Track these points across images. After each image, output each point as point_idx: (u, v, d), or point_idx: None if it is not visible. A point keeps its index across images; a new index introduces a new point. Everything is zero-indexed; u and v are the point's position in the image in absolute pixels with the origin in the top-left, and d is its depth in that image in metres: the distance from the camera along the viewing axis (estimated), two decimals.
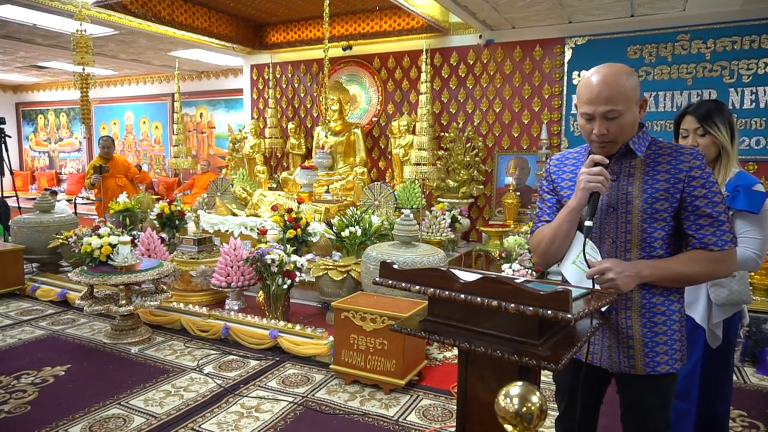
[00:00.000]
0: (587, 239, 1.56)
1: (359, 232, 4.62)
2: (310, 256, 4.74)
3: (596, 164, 1.58)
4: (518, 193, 5.84)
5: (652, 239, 1.57)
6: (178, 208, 5.76)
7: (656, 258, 1.58)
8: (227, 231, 5.57)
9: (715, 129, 2.09)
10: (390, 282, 1.43)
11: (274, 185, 7.15)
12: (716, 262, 1.54)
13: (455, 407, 1.99)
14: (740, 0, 4.78)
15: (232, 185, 6.45)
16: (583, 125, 1.61)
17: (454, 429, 2.46)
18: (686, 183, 1.54)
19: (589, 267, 1.55)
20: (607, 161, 1.59)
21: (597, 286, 1.53)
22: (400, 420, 2.97)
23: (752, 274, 3.95)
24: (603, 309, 1.56)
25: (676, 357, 1.61)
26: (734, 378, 2.81)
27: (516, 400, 1.01)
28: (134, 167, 7.57)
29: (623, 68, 1.57)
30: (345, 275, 4.36)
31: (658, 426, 1.65)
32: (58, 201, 7.38)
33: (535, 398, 1.01)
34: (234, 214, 5.97)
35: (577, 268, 1.59)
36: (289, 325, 4.01)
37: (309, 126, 7.50)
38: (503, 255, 4.69)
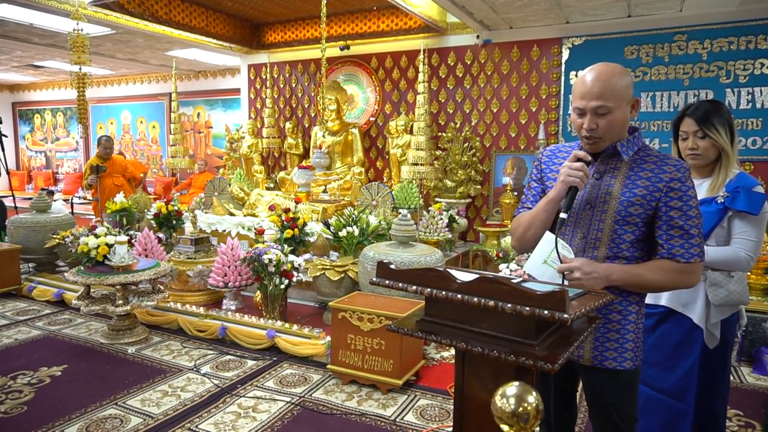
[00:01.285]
0: (559, 239, 1.59)
1: (357, 232, 4.62)
2: (307, 256, 4.74)
3: (578, 159, 1.62)
4: (515, 193, 5.84)
5: (620, 240, 1.61)
6: (176, 207, 5.75)
7: (622, 258, 1.62)
8: (224, 231, 5.56)
9: (715, 131, 2.09)
10: (387, 282, 1.43)
11: (272, 185, 7.15)
12: (680, 273, 1.58)
13: (452, 407, 1.99)
14: (737, 0, 4.80)
15: (230, 185, 6.44)
16: (575, 120, 1.65)
17: (451, 429, 2.46)
18: (664, 193, 1.57)
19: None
20: (590, 158, 1.63)
21: (566, 282, 1.56)
22: (397, 420, 2.97)
23: (748, 273, 3.95)
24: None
25: (626, 356, 1.64)
26: (731, 378, 2.82)
27: (513, 400, 1.01)
28: (132, 165, 7.57)
29: (617, 67, 1.60)
30: (342, 275, 4.36)
31: (622, 418, 1.67)
32: (54, 201, 7.36)
33: (531, 398, 1.01)
34: (231, 214, 5.97)
35: (548, 267, 1.61)
36: (287, 325, 4.01)
37: (306, 126, 7.49)
38: (500, 255, 4.69)
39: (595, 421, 1.75)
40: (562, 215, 1.60)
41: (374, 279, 1.47)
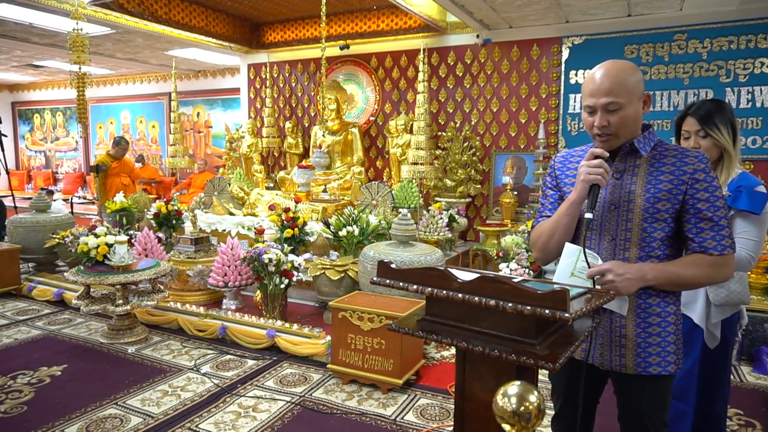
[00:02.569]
0: (585, 248, 1.55)
1: (357, 231, 4.61)
2: (307, 255, 4.74)
3: (596, 157, 1.59)
4: (515, 193, 5.85)
5: (651, 239, 1.58)
6: (175, 207, 5.75)
7: (654, 257, 1.58)
8: (224, 230, 5.56)
9: (716, 131, 2.09)
10: (387, 281, 1.43)
11: (272, 185, 7.14)
12: (715, 266, 1.54)
13: (453, 406, 1.99)
14: (737, 0, 4.79)
15: (230, 184, 6.44)
16: (586, 119, 1.63)
17: (451, 428, 2.46)
18: (689, 185, 1.54)
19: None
20: (607, 154, 1.60)
21: (597, 286, 1.53)
22: (397, 419, 2.97)
23: (749, 273, 3.95)
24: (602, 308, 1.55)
25: (670, 359, 1.60)
26: (731, 377, 2.82)
27: (514, 400, 1.01)
28: (148, 170, 7.65)
29: (627, 63, 1.59)
30: (342, 275, 4.35)
31: (655, 425, 1.65)
32: (54, 200, 7.36)
33: (533, 397, 1.01)
34: (231, 214, 5.96)
35: (577, 279, 1.57)
36: (287, 324, 4.01)
37: (306, 125, 7.49)
38: (500, 254, 4.69)
39: (625, 426, 1.72)
40: (588, 215, 1.56)
41: (375, 278, 1.46)
